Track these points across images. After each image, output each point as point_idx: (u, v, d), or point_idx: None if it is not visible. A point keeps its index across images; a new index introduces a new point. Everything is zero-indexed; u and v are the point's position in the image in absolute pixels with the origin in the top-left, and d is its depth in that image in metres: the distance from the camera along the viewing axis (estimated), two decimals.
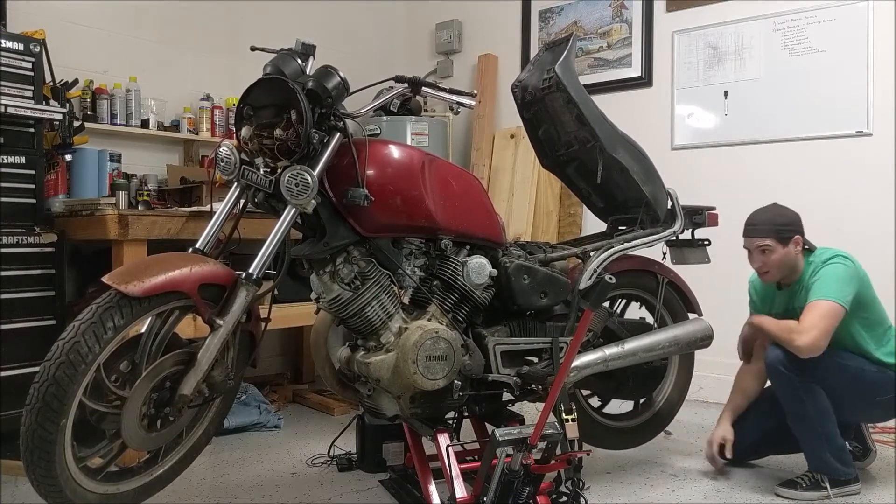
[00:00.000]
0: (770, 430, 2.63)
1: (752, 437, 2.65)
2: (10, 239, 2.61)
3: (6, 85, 2.61)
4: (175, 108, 3.81)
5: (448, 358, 2.08)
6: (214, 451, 2.91)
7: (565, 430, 2.06)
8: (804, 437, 2.45)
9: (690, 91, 3.94)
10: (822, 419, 2.41)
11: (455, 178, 2.23)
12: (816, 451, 2.44)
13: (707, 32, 3.87)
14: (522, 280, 2.29)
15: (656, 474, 2.68)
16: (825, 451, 2.42)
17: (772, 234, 2.50)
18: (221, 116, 3.90)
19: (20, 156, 2.68)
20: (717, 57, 3.84)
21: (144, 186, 3.44)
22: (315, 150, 1.96)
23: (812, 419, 2.41)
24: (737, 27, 3.76)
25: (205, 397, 1.91)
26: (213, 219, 2.03)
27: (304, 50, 2.09)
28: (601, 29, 4.31)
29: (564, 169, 2.71)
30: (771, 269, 2.54)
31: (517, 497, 1.87)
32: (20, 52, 2.67)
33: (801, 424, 2.44)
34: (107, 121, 3.45)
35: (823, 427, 2.41)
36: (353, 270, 2.05)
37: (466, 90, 2.36)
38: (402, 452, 2.56)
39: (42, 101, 2.75)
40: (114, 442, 1.85)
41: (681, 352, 2.61)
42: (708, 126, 3.89)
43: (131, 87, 3.53)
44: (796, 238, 2.51)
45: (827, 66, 3.52)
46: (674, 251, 2.76)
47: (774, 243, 2.49)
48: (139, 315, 1.74)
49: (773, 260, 2.51)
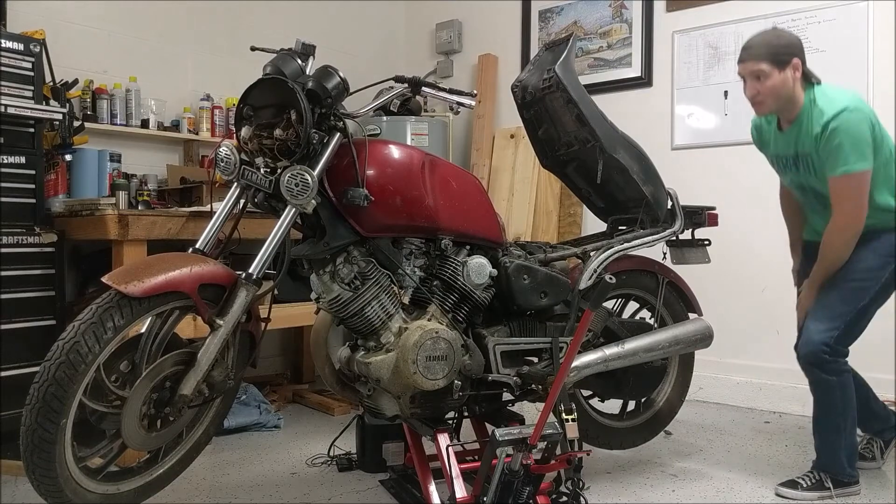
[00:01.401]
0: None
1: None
2: (10, 239, 2.61)
3: (6, 85, 2.61)
4: (175, 108, 3.81)
5: (448, 358, 2.08)
6: (214, 451, 2.91)
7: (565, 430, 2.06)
8: (826, 429, 2.41)
9: (690, 91, 3.94)
10: (848, 413, 2.38)
11: (455, 178, 2.23)
12: (833, 447, 2.41)
13: (707, 32, 3.87)
14: (522, 280, 2.30)
15: (656, 474, 2.68)
16: (841, 448, 2.40)
17: (767, 58, 2.26)
18: (221, 116, 3.90)
19: (20, 156, 2.68)
20: (717, 57, 3.84)
21: (144, 186, 3.44)
22: (315, 151, 1.96)
23: (839, 412, 2.37)
24: (737, 27, 3.76)
25: (205, 397, 1.91)
26: (213, 219, 2.03)
27: (304, 50, 2.09)
28: (601, 29, 4.31)
29: (564, 169, 2.71)
30: (765, 98, 2.31)
31: (517, 497, 1.87)
32: (20, 52, 2.67)
33: (826, 416, 2.40)
34: (107, 121, 3.45)
35: (846, 422, 2.39)
36: (353, 270, 2.05)
37: (466, 90, 2.36)
38: (402, 452, 2.55)
39: (42, 101, 2.75)
40: (114, 442, 1.85)
41: (681, 352, 2.61)
42: (708, 126, 3.88)
43: (131, 87, 3.53)
44: (795, 62, 2.27)
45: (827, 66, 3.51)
46: (674, 251, 2.76)
47: (770, 67, 2.26)
48: (139, 315, 1.75)
49: (768, 87, 2.28)
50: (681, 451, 2.97)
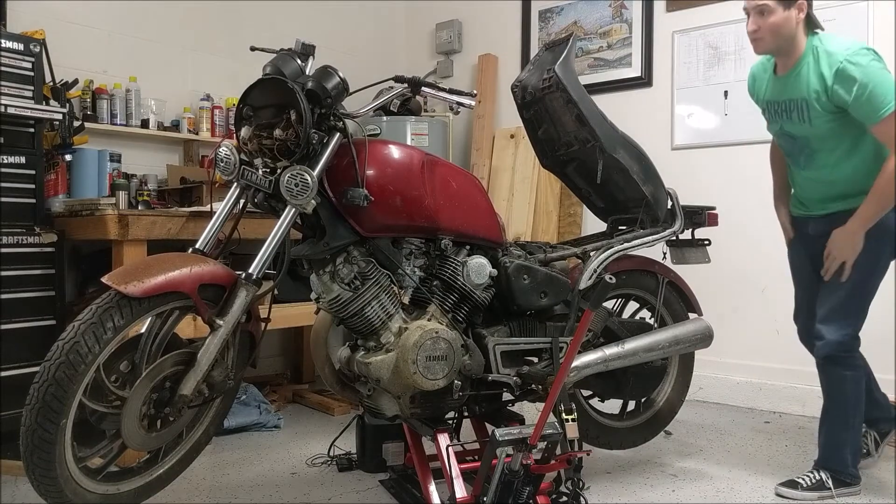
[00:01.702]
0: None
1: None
2: (10, 239, 2.61)
3: (6, 85, 2.61)
4: (175, 108, 3.81)
5: (448, 358, 2.08)
6: (214, 451, 2.91)
7: (565, 430, 2.06)
8: (835, 423, 2.40)
9: (690, 91, 3.94)
10: (858, 409, 2.38)
11: (455, 178, 2.23)
12: (839, 443, 2.40)
13: (707, 32, 3.87)
14: (522, 280, 2.30)
15: (656, 474, 2.68)
16: (847, 444, 2.40)
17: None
18: (221, 116, 3.90)
19: (20, 156, 2.68)
20: (717, 57, 3.84)
21: (144, 186, 3.44)
22: (315, 151, 1.96)
23: (850, 406, 2.37)
24: (737, 27, 3.75)
25: (205, 397, 1.91)
26: (213, 219, 2.03)
27: (304, 50, 2.09)
28: (601, 29, 4.31)
29: (564, 169, 2.71)
30: (765, 34, 2.30)
31: (517, 497, 1.87)
32: (20, 52, 2.67)
33: (837, 410, 2.39)
34: (107, 121, 3.45)
35: (856, 419, 2.39)
36: (353, 270, 2.05)
37: (466, 90, 2.36)
38: (402, 452, 2.55)
39: (42, 101, 2.75)
40: (114, 442, 1.85)
41: (681, 352, 2.61)
42: (708, 126, 3.88)
43: (131, 87, 3.53)
44: (801, 3, 2.27)
45: None
46: (674, 251, 2.76)
47: (775, 3, 2.25)
48: (139, 315, 1.75)
49: (770, 23, 2.27)
50: (681, 451, 2.97)
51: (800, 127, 2.39)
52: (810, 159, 2.42)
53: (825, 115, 2.31)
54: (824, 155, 2.38)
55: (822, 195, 2.45)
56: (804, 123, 2.37)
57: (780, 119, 2.46)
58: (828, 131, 2.33)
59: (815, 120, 2.33)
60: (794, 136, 2.44)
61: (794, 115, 2.39)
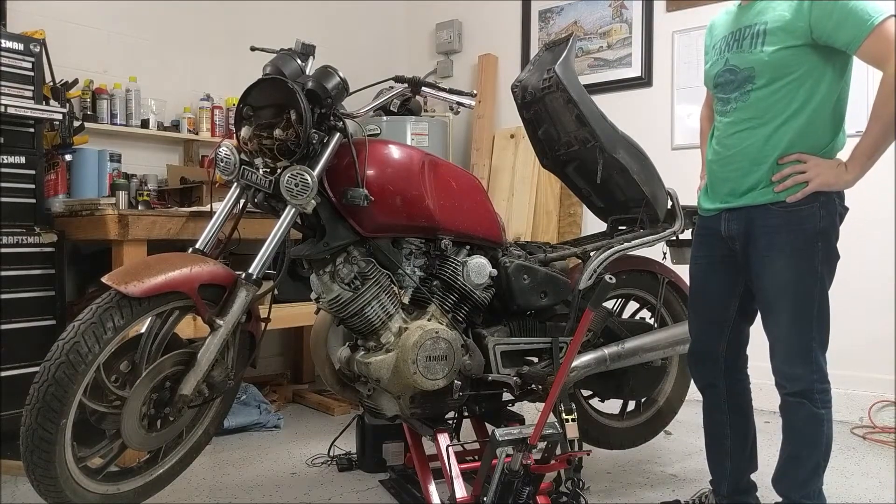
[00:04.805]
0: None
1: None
2: (10, 239, 2.61)
3: (6, 85, 2.61)
4: (175, 108, 3.81)
5: (448, 358, 2.08)
6: (214, 451, 2.91)
7: (565, 430, 2.07)
8: (805, 470, 1.95)
9: (690, 91, 3.93)
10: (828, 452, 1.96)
11: (455, 178, 2.23)
12: (810, 491, 1.96)
13: None
14: (522, 280, 2.30)
15: (656, 474, 2.68)
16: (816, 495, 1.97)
17: None
18: (221, 116, 3.90)
19: (20, 156, 2.69)
20: None
21: (144, 186, 3.45)
22: (315, 151, 1.96)
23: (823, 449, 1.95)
24: None
25: (205, 397, 1.91)
26: (213, 219, 2.03)
27: (304, 50, 2.09)
28: (601, 29, 4.31)
29: (564, 169, 2.71)
30: None
31: (517, 497, 1.87)
32: (20, 52, 2.67)
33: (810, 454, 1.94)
34: (107, 121, 3.45)
35: (824, 463, 1.97)
36: (353, 270, 2.05)
37: (466, 90, 2.36)
38: (402, 452, 2.56)
39: (42, 101, 2.75)
40: (114, 442, 1.85)
41: (681, 352, 2.61)
42: None
43: (131, 87, 3.53)
44: None
45: None
46: (674, 251, 2.75)
47: None
48: (139, 315, 1.75)
49: None
50: (681, 451, 2.97)
51: (747, 56, 1.98)
52: (745, 98, 1.99)
53: (785, 39, 1.91)
54: (763, 93, 1.96)
55: (744, 170, 1.98)
56: (754, 49, 1.96)
57: (728, 52, 2.05)
58: (777, 60, 1.92)
59: (770, 45, 1.93)
60: (737, 70, 2.01)
61: (745, 43, 2.00)
